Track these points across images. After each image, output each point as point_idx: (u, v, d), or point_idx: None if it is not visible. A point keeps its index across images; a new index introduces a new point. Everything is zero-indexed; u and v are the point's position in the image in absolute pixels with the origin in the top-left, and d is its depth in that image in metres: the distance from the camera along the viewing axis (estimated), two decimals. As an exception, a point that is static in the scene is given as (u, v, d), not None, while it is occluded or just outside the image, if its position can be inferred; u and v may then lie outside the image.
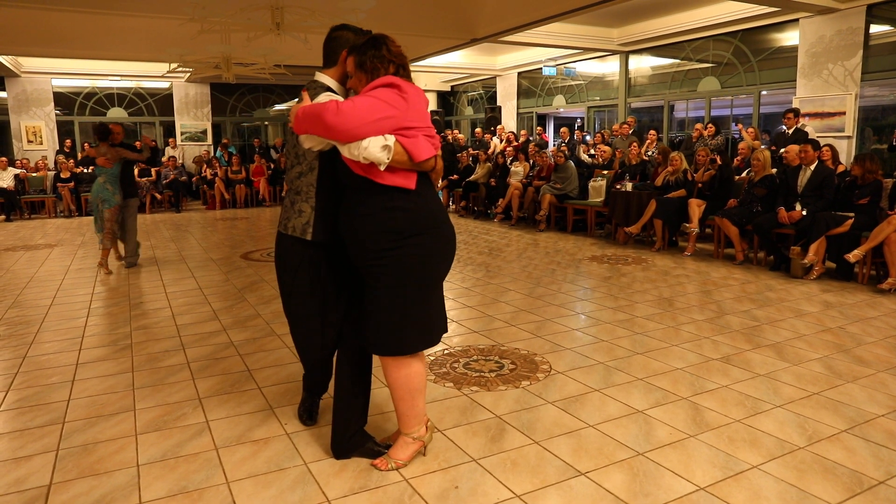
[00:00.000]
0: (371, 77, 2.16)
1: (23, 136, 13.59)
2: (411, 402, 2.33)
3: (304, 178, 2.35)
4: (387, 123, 2.03)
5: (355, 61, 2.20)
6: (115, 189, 6.21)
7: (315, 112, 2.04)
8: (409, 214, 2.15)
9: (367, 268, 2.21)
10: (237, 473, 2.36)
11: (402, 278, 2.18)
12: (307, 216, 2.35)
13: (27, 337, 4.15)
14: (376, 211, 2.14)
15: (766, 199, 6.24)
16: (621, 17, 10.41)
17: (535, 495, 2.20)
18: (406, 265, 2.17)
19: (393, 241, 2.15)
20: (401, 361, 2.27)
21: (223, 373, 3.42)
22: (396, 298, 2.19)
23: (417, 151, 2.08)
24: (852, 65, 8.17)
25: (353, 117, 1.99)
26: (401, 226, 2.14)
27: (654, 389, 3.11)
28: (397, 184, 2.10)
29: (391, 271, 2.17)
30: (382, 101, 2.04)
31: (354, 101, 2.03)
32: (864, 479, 2.28)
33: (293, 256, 2.41)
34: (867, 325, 4.20)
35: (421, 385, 2.33)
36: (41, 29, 9.59)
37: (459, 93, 17.34)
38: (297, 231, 2.36)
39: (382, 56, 2.16)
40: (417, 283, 2.21)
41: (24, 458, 2.50)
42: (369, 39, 2.21)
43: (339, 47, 2.37)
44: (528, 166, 9.70)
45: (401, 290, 2.19)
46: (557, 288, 5.34)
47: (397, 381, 2.29)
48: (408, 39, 10.81)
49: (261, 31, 6.76)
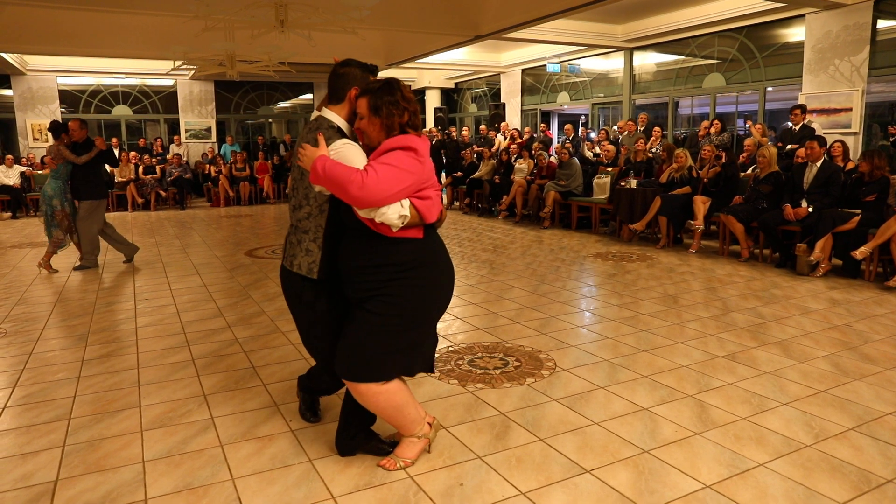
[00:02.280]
0: (384, 122, 2.17)
1: (28, 133, 13.64)
2: (401, 415, 2.32)
3: (312, 219, 2.35)
4: (407, 192, 2.10)
5: (369, 104, 2.18)
6: (54, 192, 6.08)
7: (339, 180, 2.04)
8: (412, 247, 2.18)
9: (363, 300, 2.21)
10: (242, 470, 2.36)
11: (397, 310, 2.18)
12: (315, 255, 2.35)
13: (33, 333, 4.16)
14: (379, 244, 2.16)
15: (772, 195, 6.20)
16: (626, 14, 10.36)
17: (540, 493, 2.19)
18: (403, 298, 2.18)
19: (392, 274, 2.16)
20: (372, 388, 2.23)
21: (228, 369, 3.43)
22: (384, 327, 2.18)
23: (430, 214, 2.16)
24: (859, 60, 8.11)
25: (379, 191, 2.02)
26: (402, 259, 2.17)
27: (660, 387, 3.09)
28: (407, 237, 2.16)
29: (386, 302, 2.17)
30: (404, 170, 2.07)
31: (378, 174, 2.03)
32: (872, 478, 2.26)
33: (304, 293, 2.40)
34: (874, 322, 4.17)
35: (403, 399, 2.30)
36: (47, 27, 9.61)
37: (463, 90, 17.30)
38: (302, 269, 2.36)
39: (397, 102, 2.17)
40: (411, 316, 2.21)
41: (31, 454, 2.51)
42: (384, 84, 2.20)
43: (346, 84, 2.34)
44: (532, 163, 9.67)
45: (392, 321, 2.18)
46: (562, 285, 5.33)
47: (378, 406, 2.27)
48: (411, 36, 10.84)
49: (265, 28, 6.76)
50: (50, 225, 6.20)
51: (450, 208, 11.52)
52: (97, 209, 6.35)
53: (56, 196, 6.13)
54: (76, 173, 6.21)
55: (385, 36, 11.67)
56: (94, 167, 6.37)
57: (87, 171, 6.25)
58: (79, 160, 6.14)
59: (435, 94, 17.13)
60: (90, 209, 6.30)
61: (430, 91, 17.15)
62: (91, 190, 6.29)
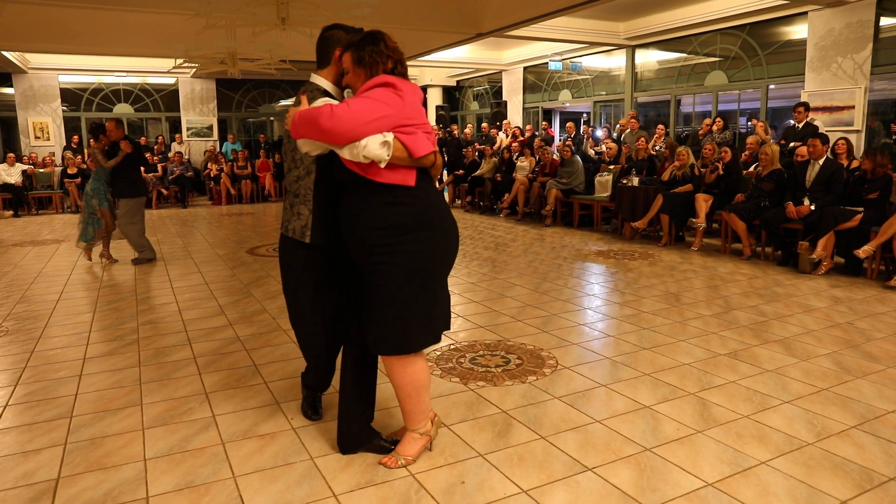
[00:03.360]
0: (370, 72, 2.17)
1: (30, 132, 13.65)
2: (417, 399, 2.32)
3: (301, 181, 2.38)
4: (383, 122, 2.03)
5: (353, 57, 2.21)
6: (93, 192, 6.21)
7: (310, 116, 2.04)
8: (411, 209, 2.15)
9: (370, 265, 2.20)
10: (244, 468, 2.36)
11: (407, 274, 2.16)
12: (305, 219, 2.39)
13: (35, 332, 4.17)
14: (377, 206, 2.14)
15: (774, 193, 6.19)
16: (628, 11, 10.34)
17: (542, 490, 2.19)
18: (410, 261, 2.16)
19: (395, 237, 2.14)
20: (405, 360, 2.26)
21: (229, 368, 3.43)
22: (400, 295, 2.17)
23: (416, 147, 2.08)
24: (862, 58, 8.08)
25: (349, 119, 1.99)
26: (403, 220, 2.14)
27: (662, 385, 3.09)
28: (397, 181, 2.10)
29: (395, 268, 2.16)
30: (378, 100, 2.05)
31: (349, 103, 2.03)
32: (874, 476, 2.26)
33: (295, 258, 2.46)
34: (876, 320, 4.16)
35: (426, 381, 2.33)
36: (48, 25, 9.61)
37: (465, 88, 17.28)
38: (296, 234, 2.41)
39: (381, 51, 2.17)
40: (422, 279, 2.20)
41: (33, 452, 2.51)
42: (366, 35, 2.22)
43: (331, 47, 2.39)
44: (534, 161, 9.66)
45: (405, 287, 2.17)
46: (564, 283, 5.32)
47: (402, 380, 2.28)
48: (413, 34, 10.81)
49: (266, 26, 6.76)
50: (87, 223, 6.27)
51: (451, 206, 11.51)
52: (136, 207, 6.45)
53: (95, 196, 6.25)
54: (116, 174, 6.32)
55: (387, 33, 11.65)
56: (131, 167, 6.43)
57: (126, 171, 6.35)
58: (106, 165, 6.26)
59: (437, 91, 17.11)
60: (128, 207, 6.41)
61: (432, 89, 17.13)
62: (128, 188, 6.42)
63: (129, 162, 6.36)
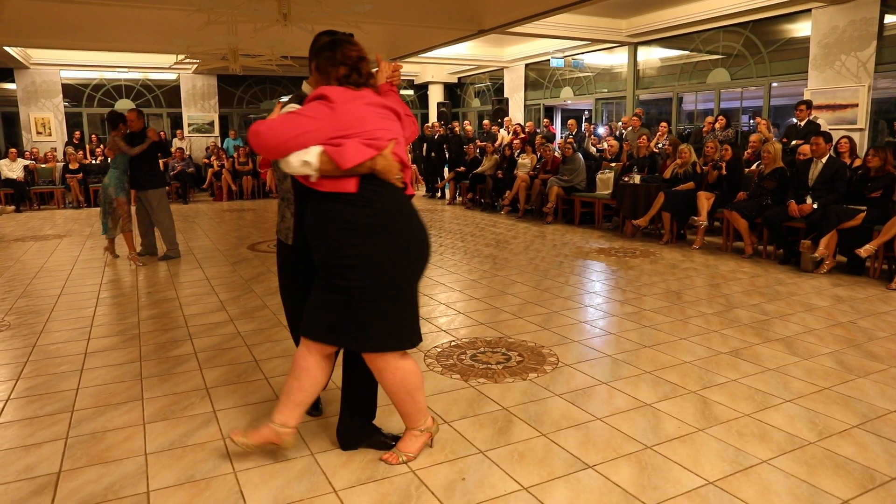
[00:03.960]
0: (324, 80, 2.19)
1: (32, 127, 13.65)
2: (412, 401, 2.31)
3: (282, 184, 2.48)
4: (307, 138, 2.03)
5: (314, 65, 2.26)
6: (111, 181, 6.09)
7: (249, 132, 2.13)
8: (362, 209, 2.11)
9: (334, 270, 2.17)
10: (244, 463, 2.36)
11: (371, 279, 2.13)
12: (289, 221, 2.47)
13: (37, 326, 4.17)
14: (329, 207, 2.13)
15: (777, 192, 6.18)
16: (630, 8, 10.31)
17: (543, 488, 2.19)
18: (371, 265, 2.13)
19: (351, 237, 2.11)
20: (391, 364, 2.23)
21: (230, 363, 3.43)
22: (367, 299, 2.15)
23: (342, 160, 2.05)
24: (866, 56, 8.06)
25: (270, 137, 2.04)
26: (355, 218, 2.10)
27: (663, 383, 3.09)
28: (336, 189, 2.09)
29: (358, 272, 2.13)
30: (304, 115, 2.05)
31: (272, 121, 2.07)
32: (877, 476, 2.25)
33: (286, 259, 2.56)
34: (879, 319, 4.15)
35: (417, 383, 2.30)
36: (50, 20, 9.60)
37: (467, 84, 17.26)
38: (282, 235, 2.51)
39: (334, 58, 2.17)
40: (387, 284, 2.16)
41: (34, 446, 2.52)
42: (328, 42, 2.23)
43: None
44: (536, 158, 9.65)
45: (370, 291, 2.14)
46: (565, 280, 5.32)
47: (393, 384, 2.26)
48: (414, 31, 10.79)
49: (268, 22, 6.75)
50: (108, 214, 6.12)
51: (452, 203, 11.50)
52: (164, 197, 6.44)
53: (112, 185, 6.12)
54: (136, 165, 6.23)
55: (388, 30, 11.63)
56: (152, 157, 6.38)
57: (146, 162, 6.29)
58: (132, 151, 6.16)
59: (438, 88, 17.09)
60: (159, 198, 6.37)
61: (433, 86, 17.12)
62: (154, 179, 6.39)
63: (151, 151, 6.30)
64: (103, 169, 12.02)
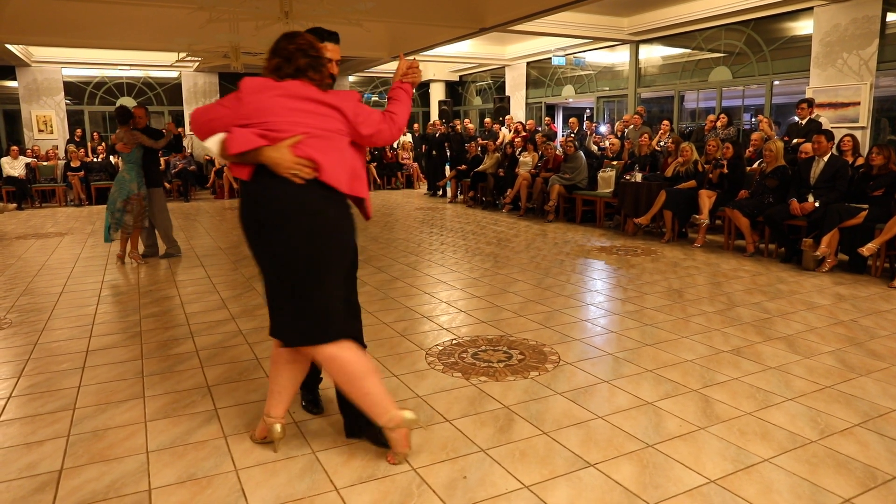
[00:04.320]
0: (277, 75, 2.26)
1: (33, 125, 13.66)
2: (357, 391, 2.25)
3: None
4: (216, 124, 2.20)
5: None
6: (132, 177, 5.97)
7: None
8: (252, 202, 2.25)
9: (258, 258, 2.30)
10: (245, 461, 2.36)
11: (274, 276, 2.24)
12: None
13: (38, 324, 4.17)
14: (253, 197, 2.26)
15: (778, 190, 6.17)
16: (631, 6, 10.30)
17: (544, 486, 2.19)
18: (273, 263, 2.23)
19: (248, 234, 2.28)
20: (326, 354, 2.24)
21: (232, 361, 3.43)
22: (282, 288, 2.24)
23: (228, 145, 2.18)
24: (868, 54, 8.04)
25: (193, 121, 2.27)
26: (248, 212, 2.27)
27: (664, 381, 3.08)
28: (236, 175, 2.27)
29: (265, 268, 2.27)
30: (218, 104, 2.24)
31: (201, 107, 2.32)
32: (878, 474, 2.25)
33: None
34: (881, 318, 4.15)
35: (359, 371, 2.23)
36: (51, 18, 9.61)
37: (468, 82, 17.25)
38: None
39: (273, 49, 2.28)
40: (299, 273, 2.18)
41: (36, 444, 2.52)
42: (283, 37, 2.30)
43: None
44: (537, 156, 9.64)
45: (279, 287, 2.25)
46: (566, 279, 5.32)
47: (332, 372, 2.27)
48: (416, 29, 10.78)
49: (269, 19, 6.74)
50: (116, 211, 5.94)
51: (454, 201, 11.50)
52: (163, 195, 6.43)
53: (134, 180, 5.99)
54: (148, 162, 6.16)
55: (389, 28, 11.63)
56: (155, 154, 6.33)
57: (155, 158, 6.27)
58: (157, 145, 6.09)
59: (439, 86, 17.08)
60: (160, 196, 6.35)
61: (435, 84, 17.10)
62: (160, 177, 6.40)
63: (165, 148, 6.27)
64: (105, 167, 12.04)
